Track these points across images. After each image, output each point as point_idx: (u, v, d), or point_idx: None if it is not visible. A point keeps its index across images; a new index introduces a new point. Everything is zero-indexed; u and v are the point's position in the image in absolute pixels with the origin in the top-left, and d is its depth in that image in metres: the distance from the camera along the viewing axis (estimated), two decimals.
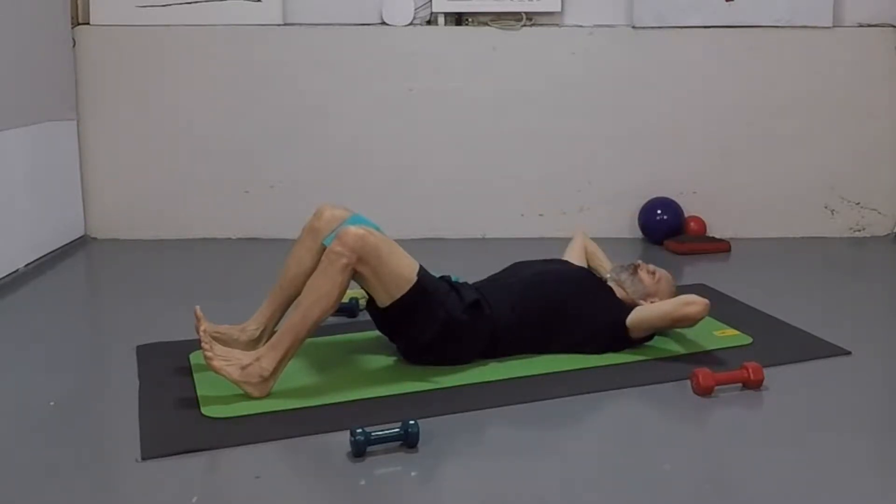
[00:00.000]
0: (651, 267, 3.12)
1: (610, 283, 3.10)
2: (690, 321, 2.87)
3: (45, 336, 3.20)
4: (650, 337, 3.02)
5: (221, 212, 4.67)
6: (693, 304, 2.84)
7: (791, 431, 2.41)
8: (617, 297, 3.01)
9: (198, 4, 4.51)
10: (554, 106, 4.63)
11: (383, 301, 2.70)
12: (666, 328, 2.98)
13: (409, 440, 2.25)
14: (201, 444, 2.29)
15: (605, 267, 3.33)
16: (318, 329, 2.67)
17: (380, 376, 2.76)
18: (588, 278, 3.06)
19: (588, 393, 2.64)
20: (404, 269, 2.67)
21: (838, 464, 2.23)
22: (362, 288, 2.72)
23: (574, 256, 3.34)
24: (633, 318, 2.90)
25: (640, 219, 4.65)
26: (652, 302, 2.98)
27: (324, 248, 2.68)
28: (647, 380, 2.73)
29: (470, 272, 3.08)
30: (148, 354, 2.93)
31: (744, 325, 3.20)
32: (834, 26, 4.56)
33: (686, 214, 4.61)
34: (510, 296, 2.89)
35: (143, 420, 2.43)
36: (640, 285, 3.04)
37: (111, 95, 4.57)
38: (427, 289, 2.70)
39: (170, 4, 4.50)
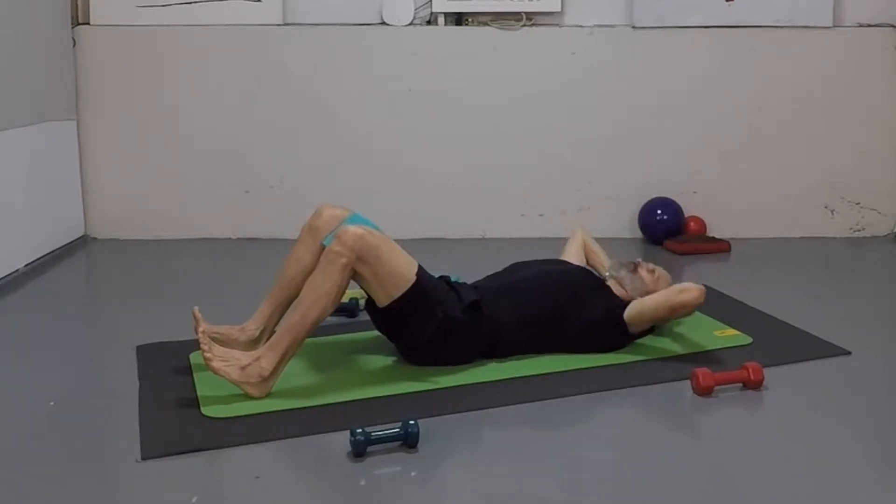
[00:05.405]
0: (651, 265, 3.12)
1: (609, 281, 3.10)
2: (687, 308, 2.85)
3: (44, 336, 3.20)
4: (650, 330, 3.02)
5: (221, 212, 4.67)
6: (688, 290, 2.83)
7: (791, 431, 2.41)
8: (615, 295, 3.01)
9: (198, 4, 4.51)
10: (554, 106, 4.63)
11: (382, 301, 2.69)
12: (664, 318, 2.95)
13: (409, 440, 2.25)
14: (201, 444, 2.29)
15: (603, 264, 3.33)
16: (318, 329, 2.66)
17: (380, 376, 2.76)
18: (586, 278, 3.06)
19: (588, 393, 2.64)
20: (403, 269, 2.67)
21: (838, 464, 2.23)
22: (361, 287, 2.71)
23: (572, 254, 3.34)
24: (630, 311, 2.90)
25: (640, 219, 4.65)
26: None
27: (323, 248, 2.68)
28: (647, 380, 2.73)
29: (470, 272, 3.08)
30: (148, 354, 2.93)
31: (744, 325, 3.20)
32: (834, 26, 4.55)
33: (686, 214, 4.61)
34: (509, 297, 2.89)
35: (143, 420, 2.43)
36: (640, 283, 3.05)
37: (111, 95, 4.57)
38: (426, 288, 2.70)
39: (170, 4, 4.50)
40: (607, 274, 3.17)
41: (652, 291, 3.01)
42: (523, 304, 2.88)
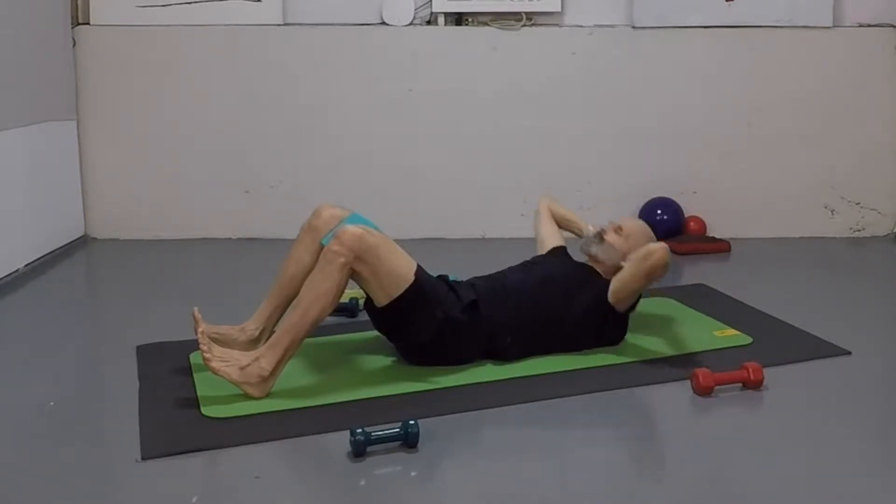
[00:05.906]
0: (616, 223, 3.05)
1: (588, 262, 3.06)
2: (660, 270, 2.78)
3: (44, 336, 3.20)
4: (635, 304, 2.97)
5: (221, 212, 4.67)
6: (652, 253, 2.77)
7: (791, 431, 2.41)
8: (600, 277, 2.96)
9: (198, 4, 4.51)
10: (554, 106, 4.63)
11: (381, 301, 2.69)
12: (645, 285, 2.86)
13: (409, 440, 2.25)
14: (201, 444, 2.29)
15: (579, 226, 3.31)
16: (318, 329, 2.67)
17: (380, 376, 2.76)
18: (576, 272, 3.01)
19: (588, 393, 2.64)
20: (402, 269, 2.67)
21: (838, 464, 2.23)
22: (361, 287, 2.71)
23: (546, 229, 3.32)
24: (611, 291, 2.87)
25: (639, 219, 4.64)
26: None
27: (322, 248, 2.68)
28: (647, 380, 2.73)
29: (470, 272, 3.07)
30: (148, 354, 2.93)
31: (744, 325, 3.20)
32: (834, 26, 4.56)
33: (686, 214, 4.61)
34: (506, 298, 2.87)
35: (143, 420, 2.43)
36: (612, 250, 2.99)
37: (111, 95, 4.57)
38: (424, 288, 2.70)
39: (170, 4, 4.50)
40: (581, 250, 3.11)
41: (628, 251, 2.93)
42: (522, 306, 2.87)
